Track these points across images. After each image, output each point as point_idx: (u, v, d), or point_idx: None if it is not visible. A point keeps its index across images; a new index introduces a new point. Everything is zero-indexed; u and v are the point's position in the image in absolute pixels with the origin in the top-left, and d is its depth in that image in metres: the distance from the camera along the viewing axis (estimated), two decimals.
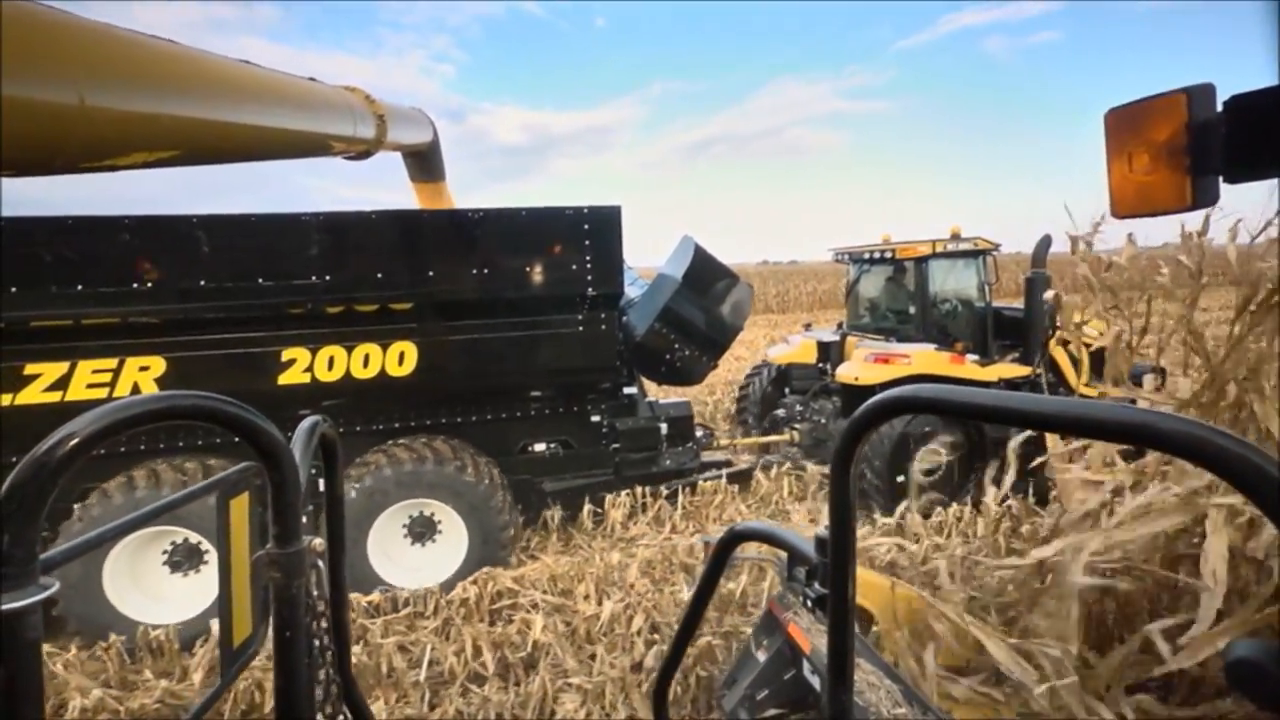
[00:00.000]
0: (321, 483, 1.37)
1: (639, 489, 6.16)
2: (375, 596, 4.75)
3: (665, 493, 6.17)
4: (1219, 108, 0.88)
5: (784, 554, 1.25)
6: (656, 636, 4.01)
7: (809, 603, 1.10)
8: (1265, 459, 0.61)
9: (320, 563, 1.12)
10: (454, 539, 5.18)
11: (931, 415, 5.81)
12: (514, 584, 4.75)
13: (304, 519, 1.05)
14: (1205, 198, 0.91)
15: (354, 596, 4.61)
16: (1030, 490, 4.43)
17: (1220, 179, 0.90)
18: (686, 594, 4.24)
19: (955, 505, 5.32)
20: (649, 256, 9.08)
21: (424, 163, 6.99)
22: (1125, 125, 0.98)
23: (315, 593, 1.11)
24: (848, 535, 0.99)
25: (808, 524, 5.74)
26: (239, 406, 0.91)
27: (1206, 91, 0.90)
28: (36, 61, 1.95)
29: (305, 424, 1.17)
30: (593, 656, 3.91)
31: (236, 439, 0.92)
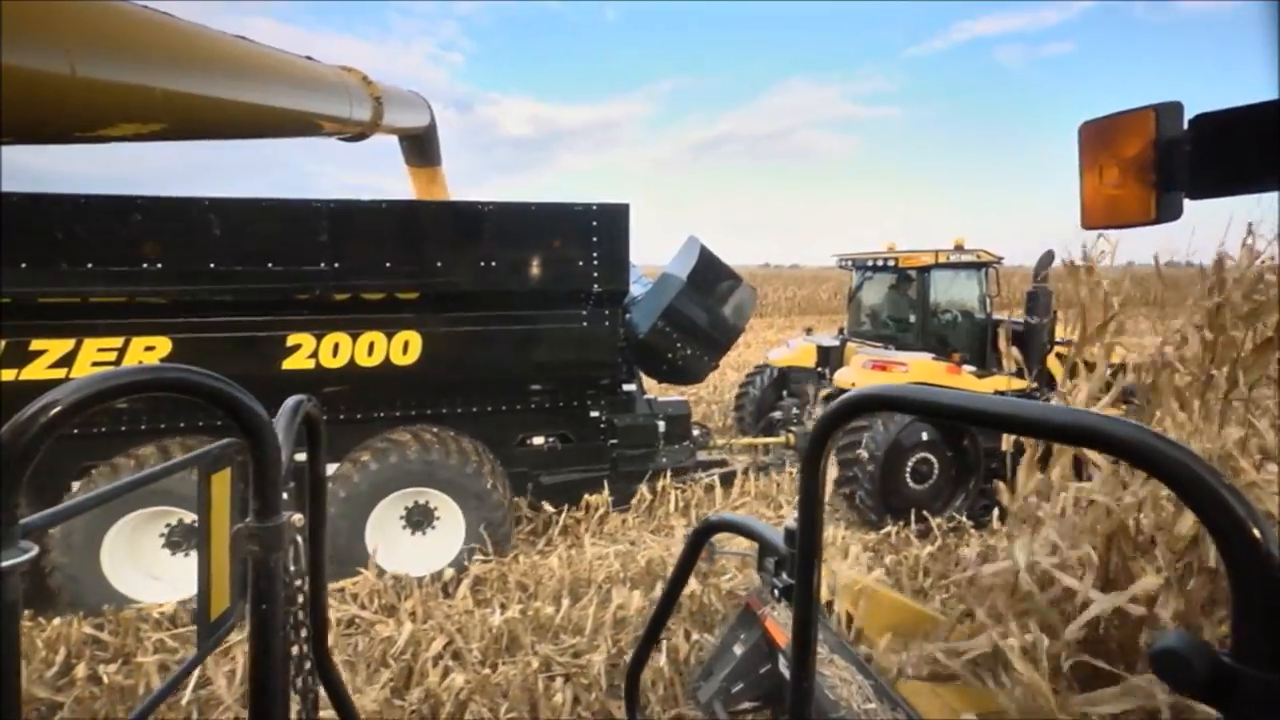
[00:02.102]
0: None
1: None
2: (169, 605, 4.40)
3: (552, 510, 5.81)
4: (1185, 125, 0.90)
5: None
6: (453, 663, 3.76)
7: (777, 592, 1.13)
8: (1200, 464, 0.63)
9: (299, 539, 1.14)
10: (451, 528, 5.21)
11: (916, 422, 5.88)
12: (331, 600, 4.40)
13: (285, 496, 1.08)
14: (1169, 213, 0.93)
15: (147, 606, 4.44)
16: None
17: (1184, 195, 0.93)
18: (499, 619, 4.08)
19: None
20: (654, 254, 9.11)
21: (420, 147, 7.00)
22: (1097, 139, 1.01)
23: (293, 567, 1.14)
24: (815, 528, 1.02)
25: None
26: (222, 381, 0.94)
27: (1174, 109, 0.92)
28: (28, 29, 1.95)
29: (289, 402, 1.20)
30: (376, 682, 3.61)
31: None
